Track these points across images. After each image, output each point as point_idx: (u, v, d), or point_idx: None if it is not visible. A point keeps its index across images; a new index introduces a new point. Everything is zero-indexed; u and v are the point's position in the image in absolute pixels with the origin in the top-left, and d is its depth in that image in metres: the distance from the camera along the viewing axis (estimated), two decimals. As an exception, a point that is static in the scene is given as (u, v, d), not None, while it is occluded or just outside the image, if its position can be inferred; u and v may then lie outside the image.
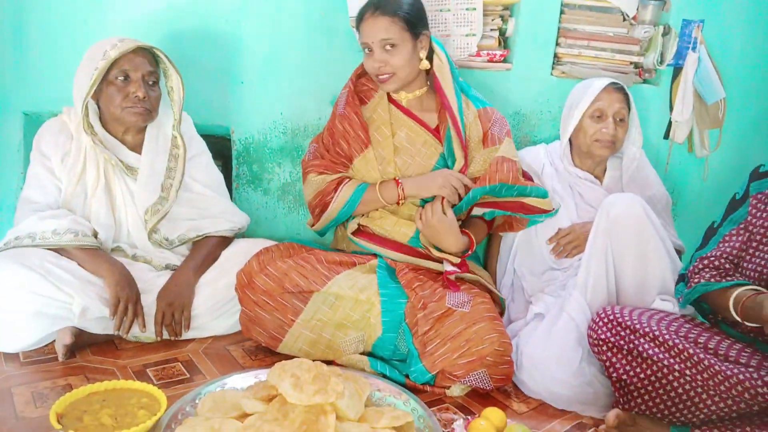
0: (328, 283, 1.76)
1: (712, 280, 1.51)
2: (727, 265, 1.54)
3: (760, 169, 1.55)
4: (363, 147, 1.93)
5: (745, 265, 1.51)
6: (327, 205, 1.95)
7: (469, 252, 1.90)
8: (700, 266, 1.56)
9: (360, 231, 1.97)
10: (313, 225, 2.04)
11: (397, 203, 1.92)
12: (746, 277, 1.49)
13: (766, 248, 1.48)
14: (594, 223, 1.81)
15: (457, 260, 1.86)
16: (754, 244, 1.50)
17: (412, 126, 1.97)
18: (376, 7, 1.86)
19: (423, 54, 1.92)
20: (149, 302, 1.83)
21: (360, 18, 1.89)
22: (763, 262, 1.47)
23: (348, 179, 1.96)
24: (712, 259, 1.56)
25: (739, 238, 1.54)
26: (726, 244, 1.55)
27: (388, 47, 1.86)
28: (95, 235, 1.86)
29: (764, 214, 1.50)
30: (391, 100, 2.01)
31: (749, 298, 1.39)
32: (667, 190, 2.16)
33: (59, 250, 1.80)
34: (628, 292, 1.77)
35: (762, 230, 1.49)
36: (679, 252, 1.92)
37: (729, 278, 1.49)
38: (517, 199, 1.94)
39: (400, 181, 1.90)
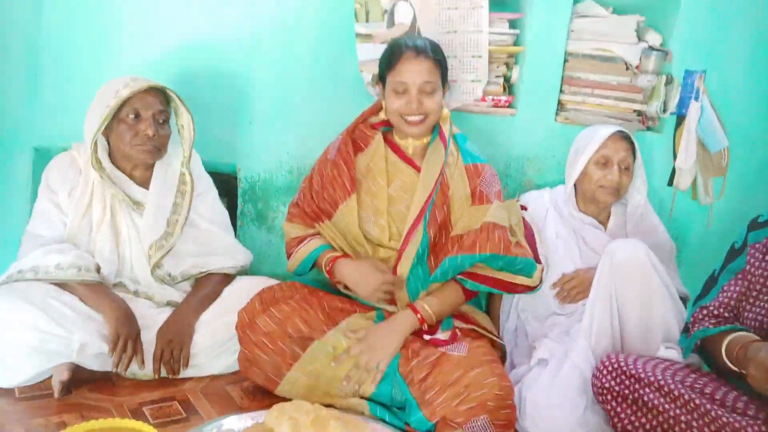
0: (328, 333, 1.76)
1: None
2: (727, 315, 1.53)
3: (758, 219, 1.55)
4: (346, 195, 1.92)
5: (744, 314, 1.50)
6: (290, 255, 1.98)
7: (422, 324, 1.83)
8: (700, 316, 1.56)
9: None
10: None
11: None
12: (746, 326, 1.48)
13: (764, 297, 1.47)
14: (598, 268, 1.80)
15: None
16: (754, 294, 1.49)
17: (410, 174, 1.95)
18: (419, 50, 1.87)
19: (443, 102, 1.95)
20: (149, 338, 1.82)
21: (397, 58, 1.88)
22: (762, 312, 1.46)
23: (312, 237, 1.96)
24: (712, 309, 1.55)
25: (738, 288, 1.53)
26: (725, 294, 1.54)
27: (426, 90, 1.87)
28: (98, 269, 1.86)
29: (762, 264, 1.49)
30: (391, 145, 2.00)
31: (740, 346, 1.38)
32: (671, 237, 2.16)
33: (61, 285, 1.79)
34: (633, 338, 1.75)
35: (761, 279, 1.48)
36: (684, 299, 1.91)
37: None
38: (503, 273, 1.88)
39: (334, 267, 1.87)
